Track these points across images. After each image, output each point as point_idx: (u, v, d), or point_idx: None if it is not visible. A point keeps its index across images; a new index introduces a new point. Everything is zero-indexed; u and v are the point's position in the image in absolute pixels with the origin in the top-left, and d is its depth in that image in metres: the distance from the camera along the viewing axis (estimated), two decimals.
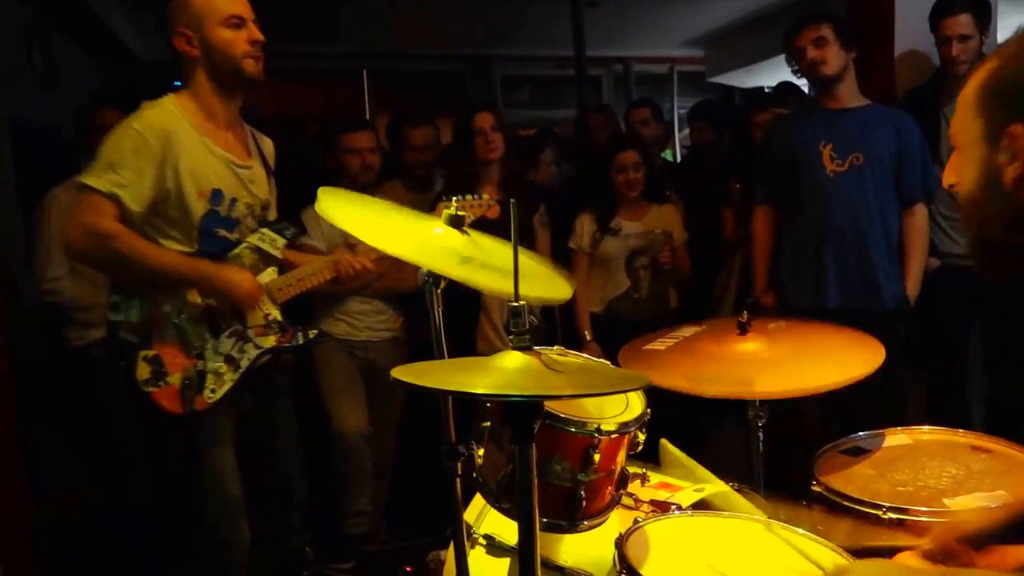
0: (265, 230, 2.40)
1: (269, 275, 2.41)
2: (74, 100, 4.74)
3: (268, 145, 2.52)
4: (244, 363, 2.31)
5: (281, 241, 2.41)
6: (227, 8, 2.22)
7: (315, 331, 2.53)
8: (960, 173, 1.24)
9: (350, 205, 1.56)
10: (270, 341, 2.37)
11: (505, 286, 1.25)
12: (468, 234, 1.52)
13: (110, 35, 5.45)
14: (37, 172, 3.88)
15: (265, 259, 2.39)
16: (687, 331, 2.21)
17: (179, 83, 2.34)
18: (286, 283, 2.43)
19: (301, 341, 2.44)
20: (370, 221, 1.53)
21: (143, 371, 2.21)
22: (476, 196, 2.82)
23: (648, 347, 2.15)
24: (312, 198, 3.32)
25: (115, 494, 3.32)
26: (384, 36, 7.37)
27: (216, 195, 2.26)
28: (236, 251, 2.33)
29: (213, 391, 2.26)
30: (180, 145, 2.18)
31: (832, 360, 1.96)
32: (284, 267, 2.46)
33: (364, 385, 3.31)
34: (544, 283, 1.57)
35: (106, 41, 5.53)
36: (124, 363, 2.21)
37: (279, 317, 2.41)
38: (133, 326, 2.21)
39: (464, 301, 3.26)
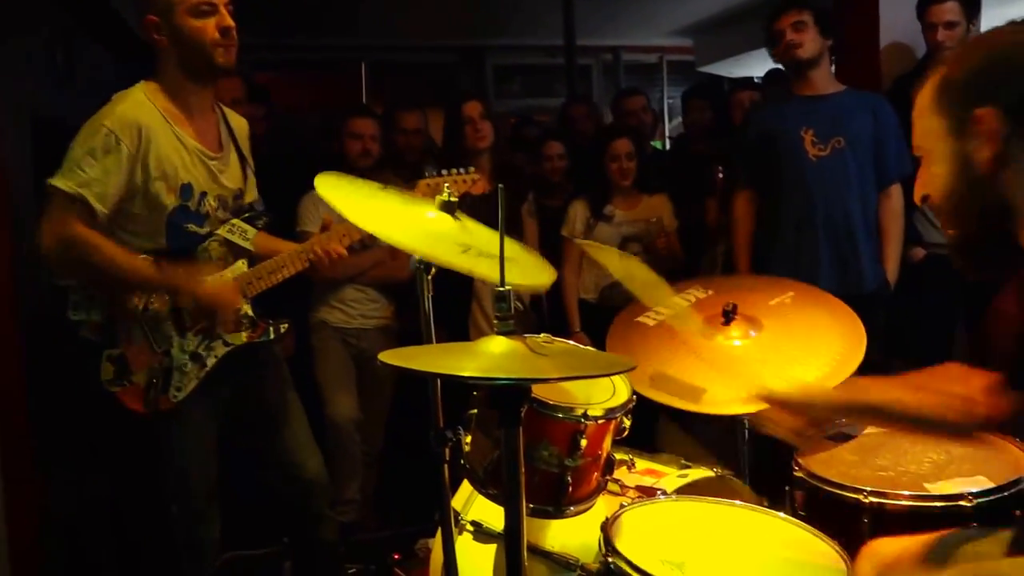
0: (236, 221, 2.31)
1: (239, 268, 2.32)
2: (93, 96, 4.71)
3: (242, 126, 2.41)
4: (211, 361, 2.24)
5: (252, 232, 2.33)
6: None
7: (286, 324, 2.40)
8: (930, 182, 1.29)
9: (345, 188, 1.57)
10: (241, 338, 2.29)
11: (496, 273, 1.26)
12: (460, 219, 1.54)
13: (130, 32, 5.43)
14: (56, 167, 3.89)
15: (235, 251, 2.32)
16: (692, 295, 2.23)
17: None
18: (256, 276, 2.31)
19: (272, 336, 2.35)
20: (366, 207, 1.54)
21: (107, 371, 2.17)
22: (460, 171, 2.70)
23: (640, 319, 2.17)
24: (310, 186, 3.30)
25: (123, 479, 3.31)
26: (378, 28, 7.36)
27: (186, 190, 2.18)
28: (204, 244, 2.25)
29: (179, 390, 2.20)
30: (152, 139, 2.11)
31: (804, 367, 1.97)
32: (255, 259, 2.37)
33: (355, 373, 3.33)
34: (529, 270, 1.59)
35: (126, 38, 5.50)
36: (87, 363, 2.16)
37: (249, 312, 2.32)
38: (96, 325, 2.17)
39: (456, 289, 3.28)
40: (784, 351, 2.04)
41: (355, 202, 1.54)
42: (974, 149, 1.22)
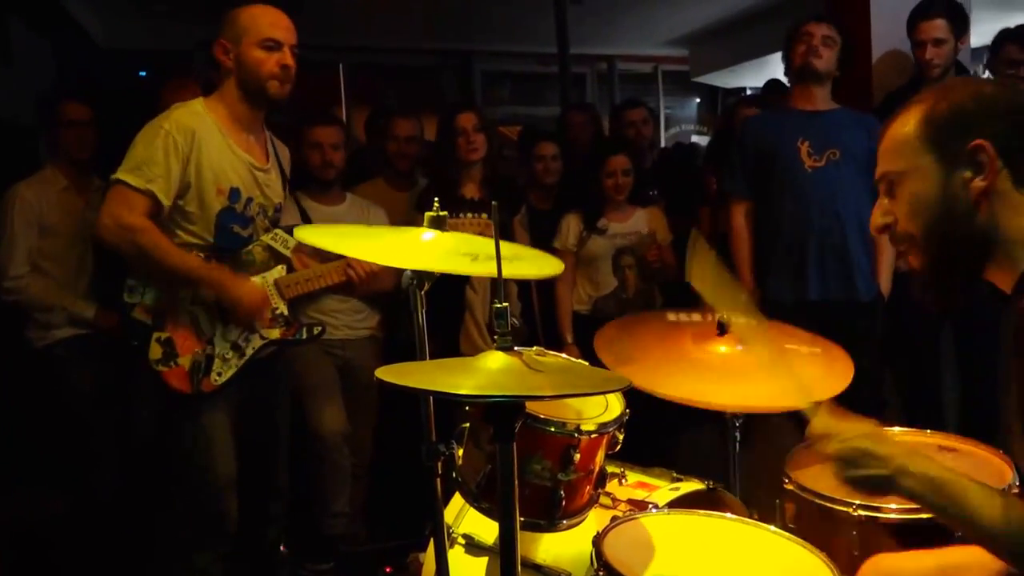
0: (279, 230, 2.56)
1: (278, 272, 2.58)
2: (29, 84, 4.60)
3: (285, 152, 2.66)
4: (248, 351, 2.48)
5: (292, 241, 2.57)
6: (267, 31, 2.39)
7: (319, 328, 2.66)
8: (905, 206, 1.31)
9: (326, 232, 1.69)
10: (275, 333, 2.54)
11: (515, 271, 1.36)
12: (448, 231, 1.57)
13: (68, 19, 5.33)
14: None
15: (276, 257, 2.57)
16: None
17: (143, 73, 2.42)
18: (294, 281, 2.60)
19: (305, 336, 2.61)
20: (360, 243, 1.61)
21: (155, 351, 2.36)
22: (476, 215, 2.97)
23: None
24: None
25: (79, 494, 3.31)
26: (361, 29, 7.33)
27: (234, 193, 2.42)
28: (249, 247, 2.50)
29: (219, 375, 2.42)
30: (204, 144, 2.35)
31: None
32: (293, 266, 2.63)
33: (341, 384, 3.27)
34: (536, 262, 1.69)
35: (64, 25, 5.39)
36: (137, 343, 2.36)
37: (285, 312, 2.57)
38: (148, 308, 2.37)
39: (448, 300, 3.27)
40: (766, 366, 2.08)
41: (347, 240, 1.63)
42: (966, 180, 1.25)
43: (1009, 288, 1.27)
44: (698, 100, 10.27)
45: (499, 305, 1.23)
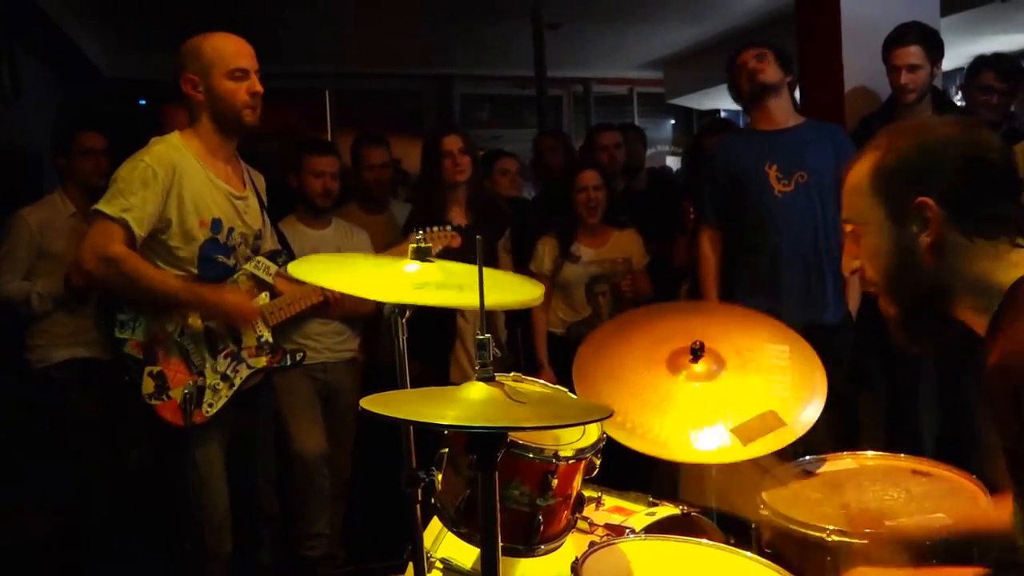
0: (260, 258, 2.59)
1: (263, 299, 2.60)
2: (36, 116, 4.65)
3: (260, 180, 2.70)
4: (237, 381, 2.50)
5: (273, 268, 2.60)
6: (234, 61, 2.40)
7: (302, 353, 2.70)
8: (865, 258, 1.34)
9: (320, 265, 1.73)
10: (261, 362, 2.56)
11: (498, 299, 1.37)
12: (433, 262, 1.58)
13: (74, 51, 5.37)
14: (5, 190, 3.86)
15: (260, 285, 2.59)
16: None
17: (143, 101, 2.43)
18: (277, 307, 2.63)
19: (289, 363, 2.65)
20: (343, 275, 1.64)
21: (148, 385, 2.37)
22: (441, 228, 2.97)
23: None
24: (278, 216, 3.33)
25: (63, 518, 3.28)
26: (345, 55, 7.38)
27: (216, 224, 2.43)
28: (233, 277, 2.51)
29: (211, 406, 2.43)
30: (185, 177, 2.36)
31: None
32: (276, 292, 2.65)
33: (321, 406, 3.29)
34: (517, 288, 1.70)
35: (70, 57, 5.44)
36: (129, 378, 2.37)
37: (271, 339, 2.60)
38: (139, 344, 2.38)
39: (438, 327, 3.27)
40: (745, 387, 2.11)
41: (336, 274, 1.66)
42: (916, 235, 1.27)
43: (983, 330, 1.28)
44: (673, 121, 10.40)
45: (481, 337, 1.25)
